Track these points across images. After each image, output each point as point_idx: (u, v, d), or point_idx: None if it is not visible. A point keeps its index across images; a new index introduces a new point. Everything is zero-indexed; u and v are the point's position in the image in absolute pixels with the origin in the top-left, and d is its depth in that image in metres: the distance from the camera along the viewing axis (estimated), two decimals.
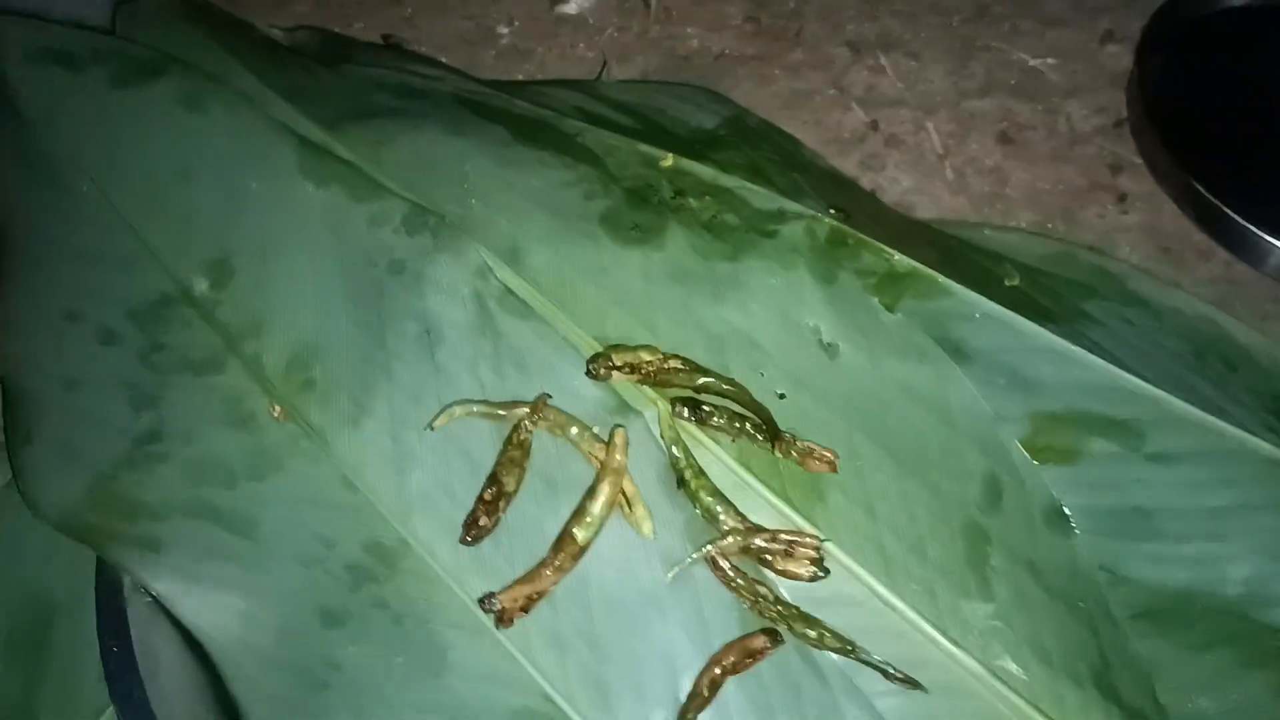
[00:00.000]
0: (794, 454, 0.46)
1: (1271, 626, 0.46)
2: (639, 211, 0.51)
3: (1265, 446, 0.49)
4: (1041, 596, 0.45)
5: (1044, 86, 0.73)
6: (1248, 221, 0.60)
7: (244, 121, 0.54)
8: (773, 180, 0.55)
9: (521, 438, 0.44)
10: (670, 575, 0.42)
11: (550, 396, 0.45)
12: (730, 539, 0.43)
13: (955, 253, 0.58)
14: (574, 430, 0.45)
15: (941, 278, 0.51)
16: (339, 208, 0.50)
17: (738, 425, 0.46)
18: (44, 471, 0.45)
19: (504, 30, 0.79)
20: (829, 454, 0.46)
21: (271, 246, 0.50)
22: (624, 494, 0.43)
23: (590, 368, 0.46)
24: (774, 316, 0.49)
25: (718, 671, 0.39)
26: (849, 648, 0.42)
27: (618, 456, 0.43)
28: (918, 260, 0.52)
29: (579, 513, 0.42)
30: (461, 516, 0.43)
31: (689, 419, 0.46)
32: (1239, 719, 0.44)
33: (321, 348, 0.47)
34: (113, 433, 0.46)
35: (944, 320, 0.50)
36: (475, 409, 0.45)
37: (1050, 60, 0.74)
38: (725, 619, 0.41)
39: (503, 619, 0.40)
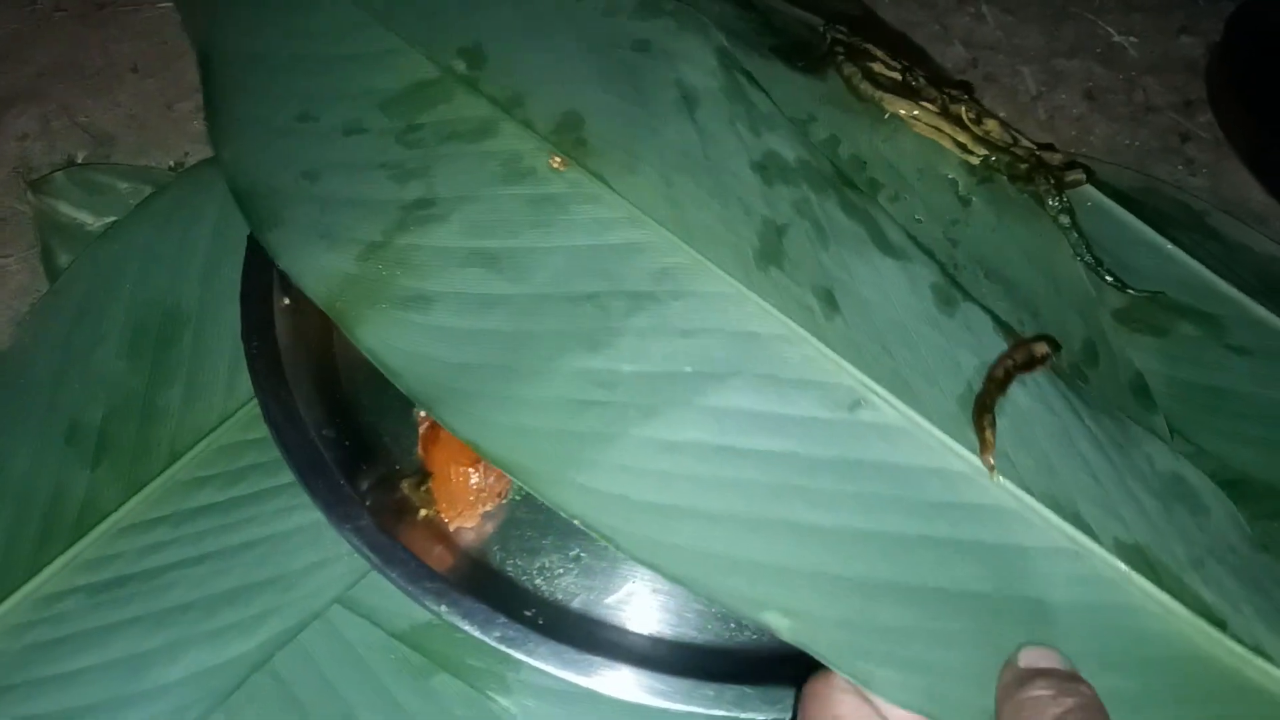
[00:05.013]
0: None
1: None
2: (802, 56, 0.55)
3: None
4: None
5: (1125, 60, 0.79)
6: None
7: None
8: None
9: None
10: None
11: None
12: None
13: None
14: None
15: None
16: (568, 5, 0.53)
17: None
18: (301, 247, 0.45)
19: None
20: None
21: (517, 36, 0.52)
22: None
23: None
24: (919, 159, 0.53)
25: (1009, 364, 0.42)
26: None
27: None
28: None
29: None
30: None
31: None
32: None
33: (586, 114, 0.48)
34: (375, 207, 0.46)
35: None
36: None
37: (1132, 38, 0.80)
38: (995, 339, 0.44)
39: None
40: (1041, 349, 0.43)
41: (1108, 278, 0.54)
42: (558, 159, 0.46)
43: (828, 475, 0.39)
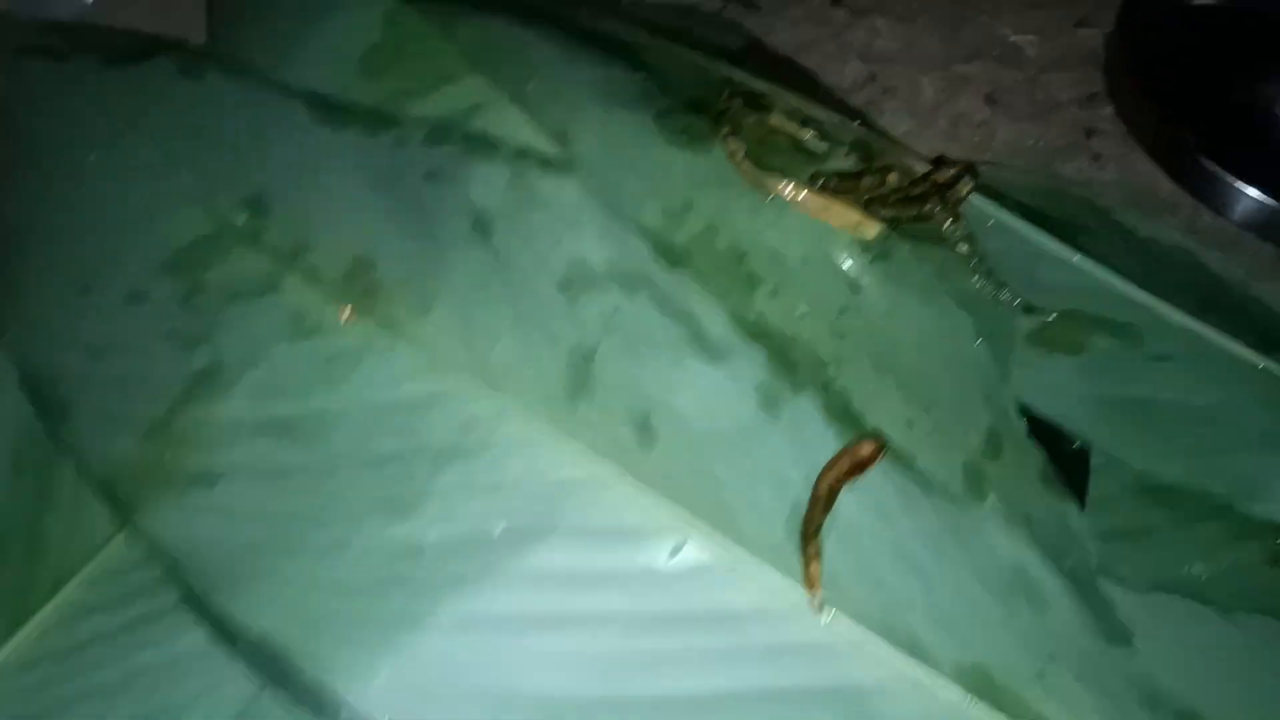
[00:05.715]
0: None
1: (1256, 519, 0.49)
2: (692, 117, 0.52)
3: (1248, 353, 0.53)
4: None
5: (1024, 59, 0.78)
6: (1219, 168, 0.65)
7: (246, 84, 0.53)
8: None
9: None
10: None
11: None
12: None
13: None
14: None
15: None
16: (359, 143, 0.50)
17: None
18: (89, 437, 0.43)
19: None
20: None
21: (302, 181, 0.49)
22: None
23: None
24: (806, 243, 0.49)
25: (833, 478, 0.40)
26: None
27: None
28: None
29: None
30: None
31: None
32: (1227, 584, 0.47)
33: (375, 256, 0.46)
34: (162, 380, 0.44)
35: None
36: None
37: (1030, 36, 0.79)
38: (824, 437, 0.42)
39: None
40: (868, 449, 0.41)
41: (1015, 302, 0.52)
42: (346, 310, 0.44)
43: (656, 634, 0.37)
